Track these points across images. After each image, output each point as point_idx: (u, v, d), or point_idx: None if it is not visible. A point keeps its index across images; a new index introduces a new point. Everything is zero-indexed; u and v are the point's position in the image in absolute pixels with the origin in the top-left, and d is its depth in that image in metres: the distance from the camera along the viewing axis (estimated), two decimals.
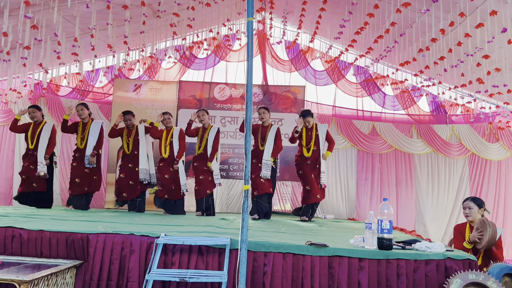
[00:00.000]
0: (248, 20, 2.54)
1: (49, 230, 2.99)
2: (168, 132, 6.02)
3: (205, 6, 6.19)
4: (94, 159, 5.81)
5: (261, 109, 5.91)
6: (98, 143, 5.92)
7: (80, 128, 6.00)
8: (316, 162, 5.85)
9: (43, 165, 5.62)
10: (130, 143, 6.04)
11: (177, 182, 5.84)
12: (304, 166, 5.85)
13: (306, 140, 5.90)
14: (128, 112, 6.13)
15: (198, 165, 5.93)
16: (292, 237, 3.39)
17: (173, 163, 5.84)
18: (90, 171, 5.88)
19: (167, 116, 6.04)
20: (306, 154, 5.86)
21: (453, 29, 4.90)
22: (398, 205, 8.02)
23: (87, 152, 5.80)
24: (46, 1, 5.13)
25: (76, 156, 5.97)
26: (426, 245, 3.00)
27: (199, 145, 6.01)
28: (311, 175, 5.79)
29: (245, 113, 2.57)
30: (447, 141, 8.16)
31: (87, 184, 5.88)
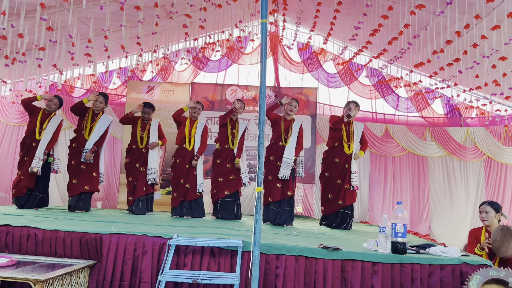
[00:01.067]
0: (262, 22, 2.54)
1: (63, 230, 3.03)
2: (192, 123, 5.58)
3: (217, 8, 6.21)
4: (92, 155, 5.39)
5: (295, 101, 5.31)
6: (101, 139, 5.51)
7: (89, 116, 5.55)
8: (345, 162, 5.20)
9: (39, 161, 5.20)
10: (145, 138, 5.72)
11: (193, 179, 5.43)
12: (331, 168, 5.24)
13: (346, 136, 5.24)
14: (150, 105, 5.82)
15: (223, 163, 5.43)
16: (304, 240, 3.37)
17: (192, 159, 5.45)
18: (87, 167, 5.41)
19: (199, 106, 5.64)
20: (347, 151, 5.20)
21: (468, 31, 4.84)
22: (412, 208, 7.93)
23: (88, 145, 5.37)
24: (61, 3, 5.19)
25: (73, 148, 5.50)
26: (441, 250, 2.96)
27: (231, 139, 5.48)
28: (337, 180, 5.20)
29: (259, 115, 2.56)
30: (462, 144, 8.06)
31: (87, 181, 5.39)
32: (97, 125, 5.51)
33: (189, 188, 5.40)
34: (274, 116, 5.32)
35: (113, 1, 5.52)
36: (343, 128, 5.25)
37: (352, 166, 5.17)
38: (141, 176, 5.68)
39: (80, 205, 5.37)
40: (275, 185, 5.04)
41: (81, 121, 5.58)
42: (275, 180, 5.06)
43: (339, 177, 5.19)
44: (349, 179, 5.14)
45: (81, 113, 5.60)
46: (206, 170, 7.71)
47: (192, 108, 5.59)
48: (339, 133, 5.24)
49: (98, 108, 5.60)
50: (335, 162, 5.22)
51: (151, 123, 5.79)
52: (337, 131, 5.27)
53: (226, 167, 5.41)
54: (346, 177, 5.16)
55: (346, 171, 5.17)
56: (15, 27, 4.87)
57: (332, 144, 5.32)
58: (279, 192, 5.03)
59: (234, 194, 5.43)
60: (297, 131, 5.20)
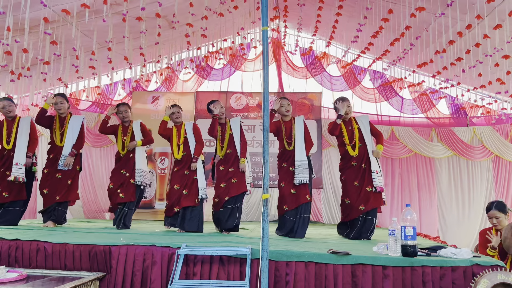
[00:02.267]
0: (263, 29, 2.55)
1: (72, 243, 3.03)
2: (178, 129, 5.04)
3: (218, 16, 6.25)
4: (72, 159, 4.82)
5: (285, 100, 4.77)
6: (79, 141, 4.93)
7: (57, 123, 5.00)
8: (362, 161, 4.59)
9: (19, 167, 4.68)
10: (127, 142, 5.05)
11: (192, 185, 4.79)
12: (347, 170, 4.65)
13: (348, 136, 4.67)
14: (124, 103, 5.27)
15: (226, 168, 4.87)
16: (313, 246, 3.35)
17: (189, 164, 4.85)
18: (63, 176, 4.81)
19: (176, 109, 5.02)
20: (352, 153, 4.61)
21: (470, 30, 4.83)
22: (421, 210, 7.87)
23: (65, 151, 4.81)
24: (65, 17, 5.25)
25: (50, 158, 4.96)
26: (452, 252, 2.92)
27: (221, 145, 4.95)
28: (353, 182, 4.55)
29: (263, 121, 2.56)
30: (468, 144, 8.00)
31: (59, 190, 4.78)
32: (68, 127, 4.95)
33: (186, 195, 4.74)
34: (274, 127, 4.80)
35: (116, 13, 5.58)
36: (344, 130, 4.71)
37: (372, 164, 4.52)
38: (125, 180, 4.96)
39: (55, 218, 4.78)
40: (289, 192, 4.55)
41: (52, 131, 5.06)
42: (288, 186, 4.57)
43: (355, 178, 4.56)
44: (369, 180, 4.49)
45: (47, 123, 5.05)
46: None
47: (171, 115, 5.03)
48: (341, 137, 4.73)
49: (63, 111, 5.02)
50: (351, 165, 4.61)
51: (132, 125, 5.16)
52: (339, 135, 4.74)
53: (229, 171, 4.84)
54: (365, 178, 4.53)
55: (365, 172, 4.56)
56: (19, 42, 4.93)
57: (343, 151, 4.75)
58: (294, 199, 4.52)
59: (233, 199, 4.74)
60: (301, 130, 4.67)
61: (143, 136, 5.11)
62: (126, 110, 5.15)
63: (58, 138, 4.95)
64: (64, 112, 5.03)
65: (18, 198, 4.81)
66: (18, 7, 4.24)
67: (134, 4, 5.42)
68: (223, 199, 4.69)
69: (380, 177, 4.56)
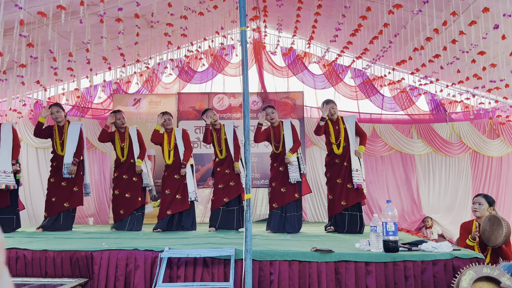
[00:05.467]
0: (241, 29, 2.54)
1: (52, 250, 2.98)
2: (169, 135, 5.33)
3: (198, 15, 6.22)
4: (75, 168, 5.00)
5: (269, 108, 5.12)
6: (79, 148, 5.10)
7: (56, 133, 5.20)
8: (344, 160, 4.89)
9: (7, 174, 4.70)
10: (125, 149, 5.29)
11: (184, 190, 5.11)
12: (332, 168, 4.99)
13: (334, 135, 4.97)
14: (119, 110, 5.52)
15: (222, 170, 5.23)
16: (297, 244, 3.36)
17: (179, 169, 5.15)
18: (68, 183, 5.03)
19: (167, 116, 5.32)
20: (336, 151, 4.93)
21: (447, 27, 4.91)
22: (404, 207, 7.98)
23: (66, 159, 5.00)
24: (40, 19, 5.14)
25: (54, 166, 5.17)
26: (433, 246, 2.97)
27: (219, 149, 5.29)
28: (336, 180, 4.90)
29: (243, 122, 2.56)
30: (446, 140, 8.13)
31: (67, 197, 5.00)
32: (67, 136, 5.12)
33: (179, 199, 5.09)
34: (264, 135, 5.14)
35: (93, 14, 5.49)
36: (331, 130, 5.02)
37: (353, 163, 4.81)
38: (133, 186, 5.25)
39: (60, 225, 4.96)
40: (280, 191, 4.87)
41: (52, 140, 5.26)
42: (279, 185, 4.89)
43: (338, 176, 4.88)
44: (350, 178, 4.79)
45: (46, 134, 5.27)
46: (197, 179, 7.69)
47: (163, 123, 5.29)
48: (328, 135, 5.06)
49: (60, 119, 5.22)
50: (335, 163, 4.96)
51: (128, 131, 5.39)
52: (326, 134, 5.07)
53: (225, 173, 5.20)
54: (346, 175, 4.84)
55: (346, 170, 4.85)
56: None
57: (329, 148, 5.09)
58: (284, 197, 4.83)
59: (234, 201, 5.14)
60: (289, 132, 4.96)
61: (139, 144, 5.36)
62: (123, 117, 5.42)
63: (59, 147, 5.16)
64: (61, 120, 5.23)
65: (2, 205, 4.77)
66: None
67: (111, 4, 5.34)
68: (222, 200, 5.08)
69: (360, 175, 4.82)
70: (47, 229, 4.90)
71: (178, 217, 5.10)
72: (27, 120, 7.70)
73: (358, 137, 5.06)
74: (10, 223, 4.86)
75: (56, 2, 4.50)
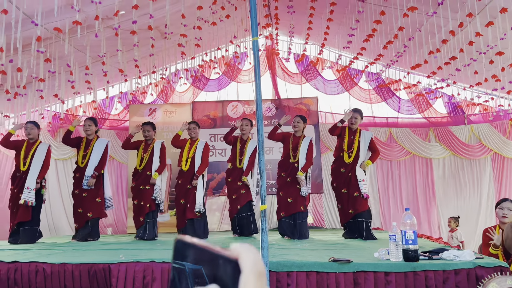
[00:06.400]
0: (253, 39, 2.54)
1: (71, 263, 3.01)
2: (192, 144, 5.54)
3: (211, 25, 6.26)
4: (94, 180, 5.19)
5: (298, 117, 5.34)
6: (101, 163, 5.31)
7: (83, 145, 5.42)
8: (350, 170, 5.05)
9: (29, 191, 4.92)
10: (145, 160, 5.43)
11: (194, 200, 5.28)
12: (337, 177, 5.15)
13: (348, 144, 5.10)
14: (148, 123, 5.67)
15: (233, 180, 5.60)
16: (314, 254, 3.32)
17: (192, 179, 5.35)
18: (89, 194, 5.21)
19: (193, 125, 5.59)
20: (346, 160, 5.06)
21: (463, 29, 4.83)
22: (422, 212, 7.83)
23: (88, 171, 5.21)
24: (57, 34, 5.25)
25: (76, 178, 5.35)
26: (454, 254, 2.90)
27: (239, 158, 5.64)
28: (341, 189, 5.06)
29: (257, 133, 2.55)
30: (465, 143, 7.97)
31: (90, 208, 5.20)
32: (93, 150, 5.33)
33: (189, 207, 5.28)
34: (280, 136, 5.43)
35: (107, 27, 5.58)
36: (345, 137, 5.14)
37: (358, 174, 4.99)
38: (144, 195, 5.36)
39: (88, 233, 5.21)
40: (286, 200, 5.11)
41: (78, 151, 5.48)
42: (286, 195, 5.14)
43: (343, 185, 5.06)
44: (356, 187, 4.95)
45: (74, 143, 5.51)
46: (213, 187, 7.70)
47: (187, 129, 5.58)
48: (342, 141, 5.17)
49: (90, 133, 5.45)
50: (340, 171, 5.12)
51: (154, 144, 5.55)
52: (340, 139, 5.21)
53: (237, 185, 5.54)
54: (351, 185, 4.99)
55: (350, 180, 5.02)
56: (13, 61, 4.92)
57: (337, 154, 5.23)
58: (291, 206, 5.06)
59: (246, 208, 5.46)
60: (305, 148, 5.16)
61: (160, 159, 5.49)
62: (148, 130, 5.55)
63: (80, 159, 5.37)
64: (91, 134, 5.46)
65: (23, 219, 4.95)
66: (10, 27, 4.24)
67: (125, 17, 5.42)
68: (236, 208, 5.44)
69: (367, 185, 5.05)
70: (80, 239, 5.12)
71: (190, 224, 5.31)
72: (45, 132, 7.85)
73: (369, 152, 5.18)
74: (32, 235, 5.02)
75: (72, 17, 4.58)
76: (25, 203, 4.87)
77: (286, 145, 5.34)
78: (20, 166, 5.13)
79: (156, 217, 5.45)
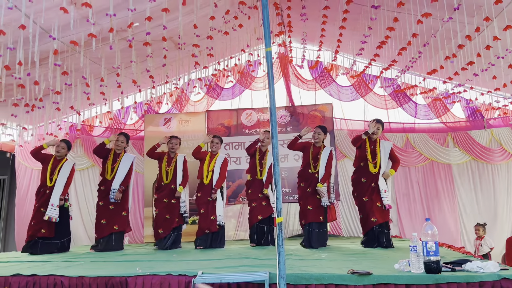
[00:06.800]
0: (266, 50, 2.52)
1: (88, 276, 3.01)
2: (212, 157, 5.71)
3: (224, 35, 6.27)
4: (120, 195, 5.42)
5: (319, 128, 5.42)
6: (127, 178, 5.55)
7: (111, 157, 5.61)
8: (372, 180, 5.05)
9: (53, 207, 5.11)
10: (170, 173, 5.64)
11: (215, 212, 5.47)
12: (358, 187, 5.16)
13: (371, 154, 5.12)
14: (175, 136, 5.85)
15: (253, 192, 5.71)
16: (333, 265, 3.27)
17: (210, 191, 5.51)
18: (115, 207, 5.44)
19: (216, 140, 5.77)
20: (372, 170, 5.04)
21: (480, 33, 4.73)
22: (441, 219, 7.64)
23: (114, 185, 5.43)
24: (73, 47, 5.32)
25: (102, 190, 5.55)
26: (478, 265, 2.81)
27: (260, 169, 5.76)
28: (362, 198, 5.06)
29: (272, 143, 2.52)
30: (486, 147, 7.80)
31: (115, 220, 5.40)
32: (120, 164, 5.56)
33: (213, 220, 5.44)
34: (300, 145, 5.49)
35: (122, 39, 5.64)
36: (367, 147, 5.14)
37: (381, 184, 5.00)
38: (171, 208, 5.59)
39: (112, 245, 5.32)
40: (306, 208, 5.20)
41: (104, 163, 5.65)
42: (305, 204, 5.22)
43: (365, 194, 5.04)
44: (378, 197, 4.96)
45: (103, 155, 5.67)
46: (229, 195, 7.68)
47: (210, 143, 5.77)
48: (364, 152, 5.14)
49: (119, 148, 5.67)
50: (361, 181, 5.11)
51: (177, 158, 5.75)
52: (362, 150, 5.18)
53: (258, 196, 5.67)
54: (373, 195, 4.99)
55: (373, 190, 5.02)
56: (31, 75, 5.00)
57: (358, 164, 5.23)
58: (311, 214, 5.14)
59: (266, 220, 5.61)
60: (325, 159, 5.26)
61: (183, 173, 5.70)
62: (176, 143, 5.77)
63: (109, 172, 5.55)
64: (120, 149, 5.67)
65: (46, 235, 5.13)
66: (27, 42, 4.31)
67: (139, 29, 5.47)
68: (256, 218, 5.58)
69: (389, 196, 5.07)
70: (100, 250, 5.24)
71: (211, 236, 5.48)
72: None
73: (390, 162, 5.22)
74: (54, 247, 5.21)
75: (87, 30, 4.64)
76: (49, 219, 5.06)
77: (306, 155, 5.42)
78: (47, 182, 5.32)
79: (181, 230, 5.68)
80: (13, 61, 4.69)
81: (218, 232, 5.47)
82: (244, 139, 7.96)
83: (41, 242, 5.12)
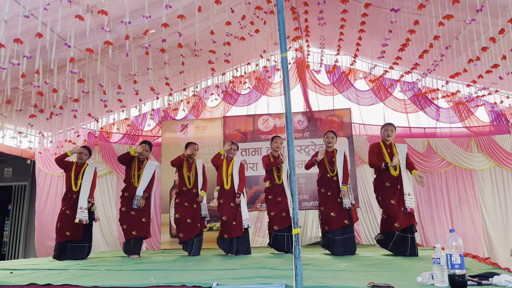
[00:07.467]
0: (282, 56, 2.45)
1: (102, 286, 2.97)
2: (229, 163, 5.79)
3: (240, 40, 6.23)
4: (144, 202, 5.58)
5: (331, 133, 5.51)
6: (150, 185, 5.70)
7: (135, 165, 5.76)
8: (397, 183, 4.99)
9: (82, 210, 5.35)
10: (192, 178, 5.79)
11: (238, 217, 5.53)
12: (383, 190, 5.05)
13: (390, 158, 5.08)
14: (195, 143, 5.98)
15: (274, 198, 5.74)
16: (352, 276, 3.15)
17: (234, 197, 5.58)
18: (137, 213, 5.58)
19: (234, 146, 5.86)
20: (393, 173, 4.99)
21: (504, 35, 4.56)
22: (464, 227, 7.40)
23: (139, 192, 5.59)
24: (90, 55, 5.36)
25: (125, 196, 5.69)
26: (507, 279, 2.65)
27: (277, 174, 5.79)
28: (390, 200, 4.95)
29: (287, 152, 2.43)
30: (511, 153, 7.52)
31: (135, 226, 5.55)
32: (144, 172, 5.71)
33: (235, 225, 5.50)
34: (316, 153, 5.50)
35: (138, 46, 5.66)
36: (384, 152, 5.14)
37: (405, 187, 4.95)
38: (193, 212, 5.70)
39: (130, 249, 5.54)
40: (329, 215, 5.21)
41: (128, 170, 5.79)
42: (328, 209, 5.24)
43: (392, 197, 4.94)
44: (402, 201, 4.90)
45: (127, 163, 5.80)
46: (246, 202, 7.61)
47: (228, 149, 5.81)
48: (382, 157, 5.13)
49: (143, 156, 5.80)
50: (385, 186, 5.03)
51: (196, 163, 5.91)
52: (380, 155, 5.16)
53: (277, 201, 5.69)
54: (400, 198, 4.93)
55: (401, 193, 4.95)
56: (49, 83, 5.05)
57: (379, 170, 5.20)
58: (335, 221, 5.17)
59: (285, 229, 5.62)
60: (341, 161, 5.33)
61: (203, 178, 5.88)
62: (196, 149, 5.93)
63: (136, 179, 5.71)
64: (144, 157, 5.82)
65: (74, 237, 5.37)
66: (45, 50, 4.34)
67: (155, 36, 5.47)
68: (273, 228, 5.65)
69: (412, 199, 4.99)
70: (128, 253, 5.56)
71: (236, 242, 5.53)
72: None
73: None
74: (82, 251, 5.45)
75: (103, 38, 4.65)
76: (79, 222, 5.29)
77: (322, 162, 5.44)
78: (72, 187, 5.53)
79: (203, 235, 5.83)
80: (30, 69, 4.75)
81: (244, 236, 5.56)
82: (260, 145, 7.90)
83: (69, 247, 5.35)
